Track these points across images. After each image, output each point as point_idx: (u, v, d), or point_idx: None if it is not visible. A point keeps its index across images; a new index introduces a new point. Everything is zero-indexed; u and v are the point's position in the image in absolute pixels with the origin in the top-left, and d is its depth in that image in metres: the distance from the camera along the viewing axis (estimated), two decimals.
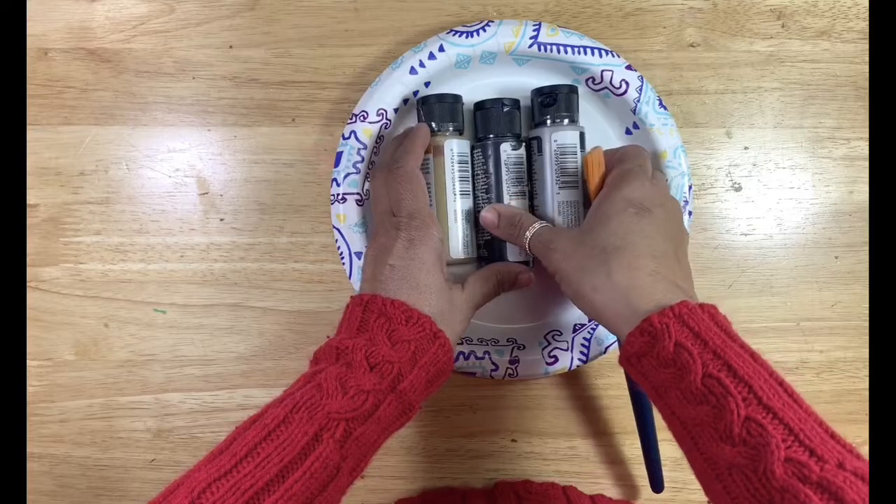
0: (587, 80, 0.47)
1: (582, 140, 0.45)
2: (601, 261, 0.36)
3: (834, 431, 0.28)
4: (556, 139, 0.44)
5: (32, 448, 0.49)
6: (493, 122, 0.45)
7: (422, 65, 0.45)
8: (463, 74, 0.47)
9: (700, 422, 0.30)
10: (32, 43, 0.49)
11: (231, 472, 0.29)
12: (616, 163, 0.42)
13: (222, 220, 0.50)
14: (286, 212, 0.50)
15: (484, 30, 0.46)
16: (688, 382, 0.31)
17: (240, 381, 0.50)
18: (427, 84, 0.46)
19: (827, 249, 0.51)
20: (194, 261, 0.49)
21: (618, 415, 0.50)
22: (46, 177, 0.49)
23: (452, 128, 0.45)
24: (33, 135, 0.49)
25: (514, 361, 0.46)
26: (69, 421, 0.50)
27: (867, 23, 0.51)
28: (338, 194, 0.46)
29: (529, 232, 0.42)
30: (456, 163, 0.45)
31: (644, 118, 0.46)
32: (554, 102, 0.45)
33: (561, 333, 0.48)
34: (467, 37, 0.46)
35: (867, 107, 0.51)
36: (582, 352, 0.47)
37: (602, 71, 0.46)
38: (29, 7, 0.49)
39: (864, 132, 0.51)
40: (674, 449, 0.40)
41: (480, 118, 0.46)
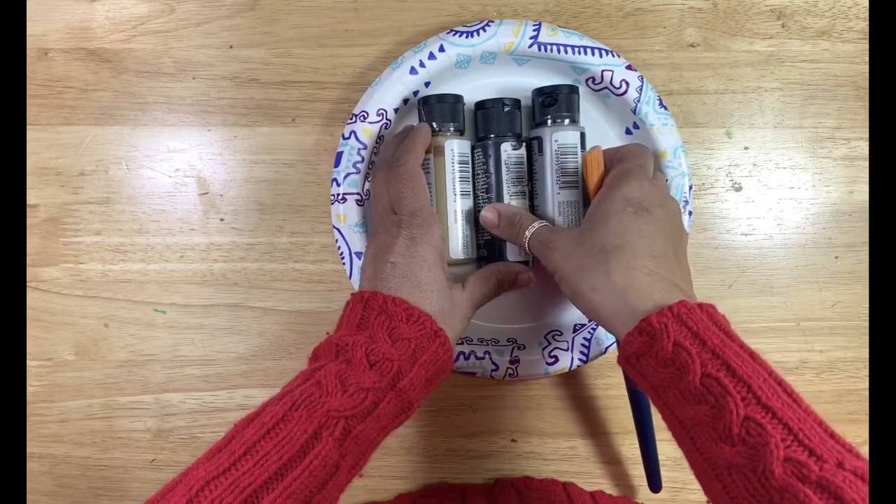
0: (587, 80, 0.47)
1: (583, 140, 0.45)
2: (600, 260, 0.36)
3: (833, 431, 0.28)
4: (557, 139, 0.44)
5: (32, 448, 0.49)
6: (494, 122, 0.45)
7: (422, 65, 0.45)
8: (463, 74, 0.47)
9: (699, 422, 0.30)
10: (32, 43, 0.49)
11: (229, 470, 0.29)
12: (616, 162, 0.42)
13: (222, 220, 0.50)
14: (286, 212, 0.50)
15: (484, 30, 0.46)
16: (686, 382, 0.31)
17: (240, 381, 0.50)
18: (427, 84, 0.46)
19: (827, 249, 0.51)
20: (194, 261, 0.49)
21: (617, 415, 0.50)
22: (46, 177, 0.49)
23: (453, 128, 0.45)
24: (33, 135, 0.49)
25: (515, 361, 0.46)
26: (69, 421, 0.50)
27: (867, 23, 0.51)
28: (338, 194, 0.46)
29: (529, 231, 0.42)
30: (456, 163, 0.45)
31: (644, 118, 0.46)
32: (555, 102, 0.45)
33: (561, 333, 0.48)
34: (467, 37, 0.46)
35: (867, 107, 0.51)
36: (582, 352, 0.47)
37: (602, 71, 0.46)
38: (29, 7, 0.49)
39: (864, 132, 0.51)
40: (673, 449, 0.40)
41: (481, 118, 0.46)
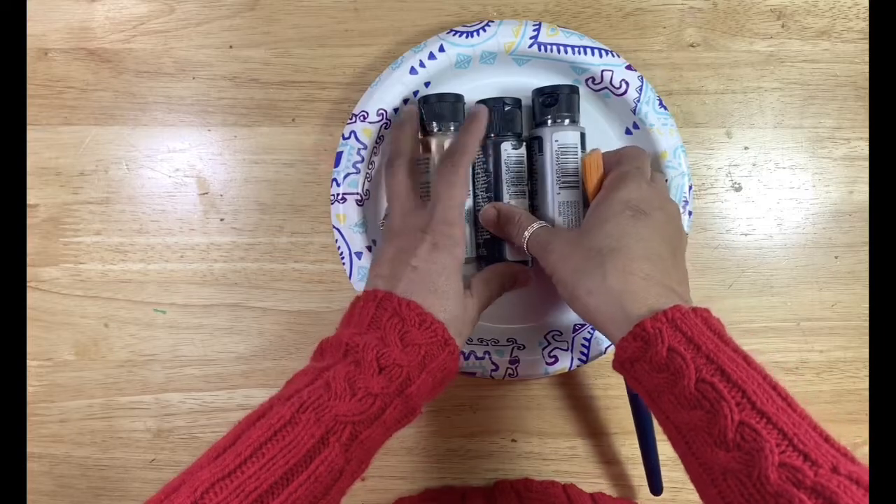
0: (587, 80, 0.47)
1: (583, 140, 0.45)
2: (596, 263, 0.36)
3: (828, 435, 0.28)
4: (557, 139, 0.44)
5: (32, 448, 0.49)
6: (494, 122, 0.45)
7: (422, 65, 0.45)
8: (463, 74, 0.47)
9: (694, 427, 0.30)
10: (32, 43, 0.49)
11: (235, 473, 0.29)
12: (614, 164, 0.42)
13: (222, 220, 0.50)
14: (286, 212, 0.50)
15: (484, 30, 0.46)
16: (681, 387, 0.31)
17: (240, 381, 0.50)
18: (427, 84, 0.46)
19: (827, 249, 0.51)
20: (194, 261, 0.49)
21: (617, 415, 0.50)
22: (46, 177, 0.49)
23: (453, 127, 0.45)
24: (33, 135, 0.49)
25: (514, 361, 0.46)
26: (69, 421, 0.50)
27: (867, 23, 0.50)
28: (338, 194, 0.46)
29: (528, 232, 0.41)
30: None
31: (644, 118, 0.46)
32: (555, 102, 0.45)
33: (561, 333, 0.48)
34: (467, 37, 0.46)
35: (867, 107, 0.51)
36: (582, 352, 0.47)
37: (602, 71, 0.46)
38: (29, 7, 0.49)
39: (864, 132, 0.51)
40: (672, 449, 0.40)
41: None
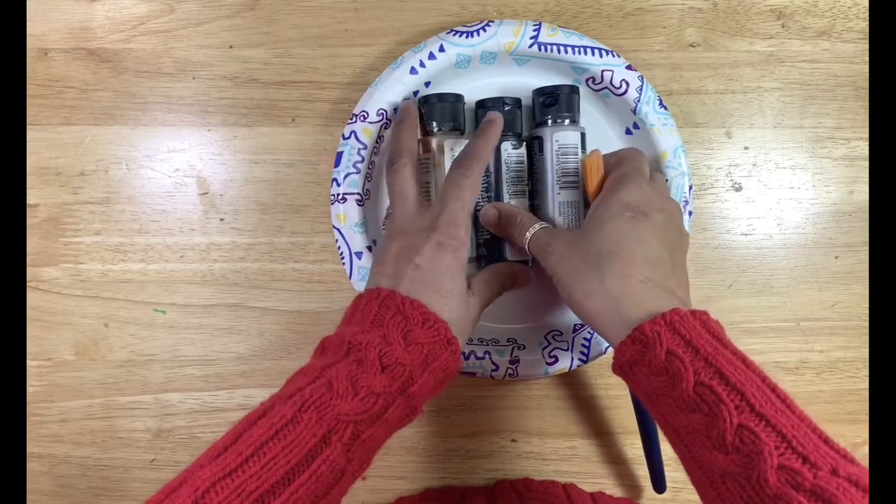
0: (587, 80, 0.47)
1: (583, 141, 0.45)
2: (595, 266, 0.36)
3: (828, 437, 0.28)
4: (558, 139, 0.44)
5: (32, 448, 0.49)
6: None
7: (422, 65, 0.45)
8: (463, 74, 0.47)
9: (693, 430, 0.30)
10: (32, 43, 0.49)
11: (236, 472, 0.28)
12: (614, 166, 0.41)
13: (222, 220, 0.50)
14: (286, 212, 0.50)
15: (484, 30, 0.46)
16: (680, 391, 0.31)
17: (240, 381, 0.50)
18: (427, 84, 0.46)
19: (827, 249, 0.51)
20: (194, 261, 0.49)
21: (618, 415, 0.50)
22: (46, 177, 0.49)
23: (453, 127, 0.45)
24: (33, 135, 0.49)
25: (515, 361, 0.46)
26: (69, 421, 0.50)
27: (867, 23, 0.50)
28: (338, 194, 0.46)
29: (529, 233, 0.41)
30: None
31: (644, 118, 0.46)
32: (555, 102, 0.45)
33: (561, 333, 0.48)
34: (467, 37, 0.46)
35: (867, 107, 0.51)
36: (582, 352, 0.47)
37: (602, 71, 0.46)
38: (29, 7, 0.49)
39: (864, 132, 0.51)
40: None
41: (482, 117, 0.46)
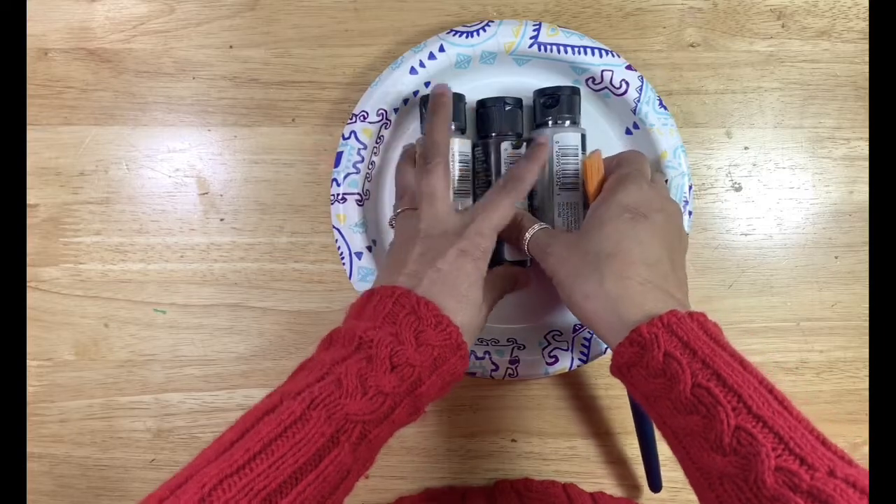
0: (587, 80, 0.47)
1: (583, 142, 0.45)
2: (594, 267, 0.36)
3: (825, 438, 0.28)
4: (558, 140, 0.44)
5: (32, 448, 0.49)
6: (495, 121, 0.45)
7: (422, 65, 0.45)
8: (463, 74, 0.47)
9: (690, 432, 0.30)
10: (32, 43, 0.49)
11: (244, 469, 0.28)
12: (614, 167, 0.41)
13: (222, 220, 0.50)
14: (286, 212, 0.50)
15: (484, 30, 0.46)
16: (677, 392, 0.31)
17: (240, 381, 0.50)
18: (427, 84, 0.46)
19: (827, 249, 0.51)
20: (194, 261, 0.49)
21: (618, 415, 0.50)
22: (46, 177, 0.49)
23: (454, 126, 0.45)
24: (33, 135, 0.49)
25: (515, 361, 0.46)
26: (69, 421, 0.50)
27: (867, 23, 0.51)
28: (338, 194, 0.46)
29: (529, 234, 0.41)
30: (457, 162, 0.45)
31: (644, 118, 0.46)
32: (556, 104, 0.45)
33: (561, 333, 0.48)
34: (467, 37, 0.46)
35: (867, 107, 0.51)
36: (582, 352, 0.47)
37: (602, 71, 0.46)
38: (29, 7, 0.49)
39: (864, 132, 0.51)
40: None
41: (482, 117, 0.46)
